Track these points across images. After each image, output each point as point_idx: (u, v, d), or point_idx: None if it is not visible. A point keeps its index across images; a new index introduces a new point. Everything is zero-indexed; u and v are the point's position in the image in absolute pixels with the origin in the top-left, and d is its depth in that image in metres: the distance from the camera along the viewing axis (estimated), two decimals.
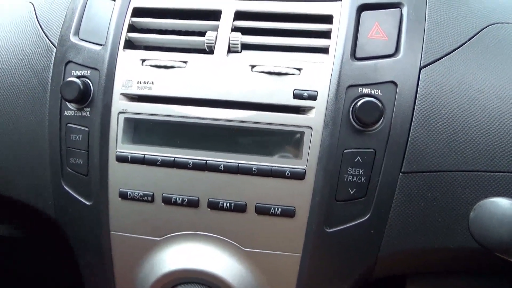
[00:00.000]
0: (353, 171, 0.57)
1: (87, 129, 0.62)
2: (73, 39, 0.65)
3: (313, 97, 0.57)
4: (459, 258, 0.64)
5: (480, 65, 0.59)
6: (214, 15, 0.63)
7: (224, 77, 0.60)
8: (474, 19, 0.61)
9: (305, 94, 0.58)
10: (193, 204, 0.60)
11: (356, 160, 0.57)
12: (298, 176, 0.58)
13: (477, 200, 0.48)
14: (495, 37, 0.60)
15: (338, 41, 0.59)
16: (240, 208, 0.59)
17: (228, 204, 0.59)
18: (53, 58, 0.66)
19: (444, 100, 0.57)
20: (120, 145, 0.61)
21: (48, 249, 0.99)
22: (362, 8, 0.60)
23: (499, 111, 0.57)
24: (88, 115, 0.62)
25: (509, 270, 0.67)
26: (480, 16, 0.62)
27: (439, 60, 0.58)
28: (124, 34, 0.63)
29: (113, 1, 0.65)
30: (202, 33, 0.62)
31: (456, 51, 0.59)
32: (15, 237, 0.94)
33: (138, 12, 0.65)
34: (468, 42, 0.60)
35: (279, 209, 0.58)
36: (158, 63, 0.61)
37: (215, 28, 0.62)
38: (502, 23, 0.62)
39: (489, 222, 0.44)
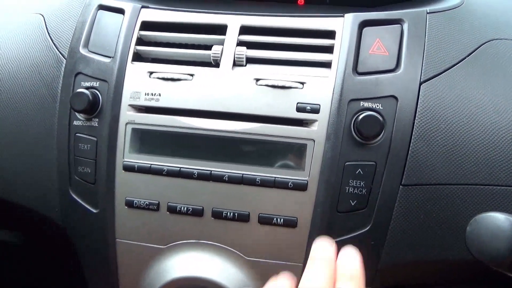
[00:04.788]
0: (354, 183, 0.58)
1: (95, 139, 0.63)
2: (83, 51, 0.67)
3: (315, 110, 0.59)
4: (458, 269, 0.65)
5: (479, 80, 0.60)
6: (220, 29, 0.65)
7: (229, 90, 0.61)
8: (474, 35, 0.62)
9: (308, 107, 0.59)
10: (197, 213, 0.61)
11: (357, 172, 0.58)
12: (301, 187, 0.59)
13: (476, 213, 0.49)
14: (494, 52, 0.62)
15: (341, 56, 0.60)
16: (243, 218, 0.60)
17: (231, 213, 0.60)
18: (63, 69, 0.67)
19: (444, 115, 0.58)
20: (127, 154, 0.62)
21: (53, 256, 1.00)
22: (364, 24, 0.61)
23: (498, 125, 0.58)
24: (97, 125, 0.63)
25: (508, 282, 0.67)
26: (480, 32, 0.63)
27: (439, 75, 0.59)
28: (132, 47, 0.65)
29: (122, 15, 0.67)
30: (208, 47, 0.64)
31: (456, 66, 0.60)
32: (17, 243, 0.94)
33: (146, 25, 0.66)
34: (467, 58, 0.61)
35: (282, 219, 0.59)
36: (165, 76, 0.62)
37: (221, 42, 0.64)
38: (501, 39, 0.63)
39: (485, 236, 0.44)
